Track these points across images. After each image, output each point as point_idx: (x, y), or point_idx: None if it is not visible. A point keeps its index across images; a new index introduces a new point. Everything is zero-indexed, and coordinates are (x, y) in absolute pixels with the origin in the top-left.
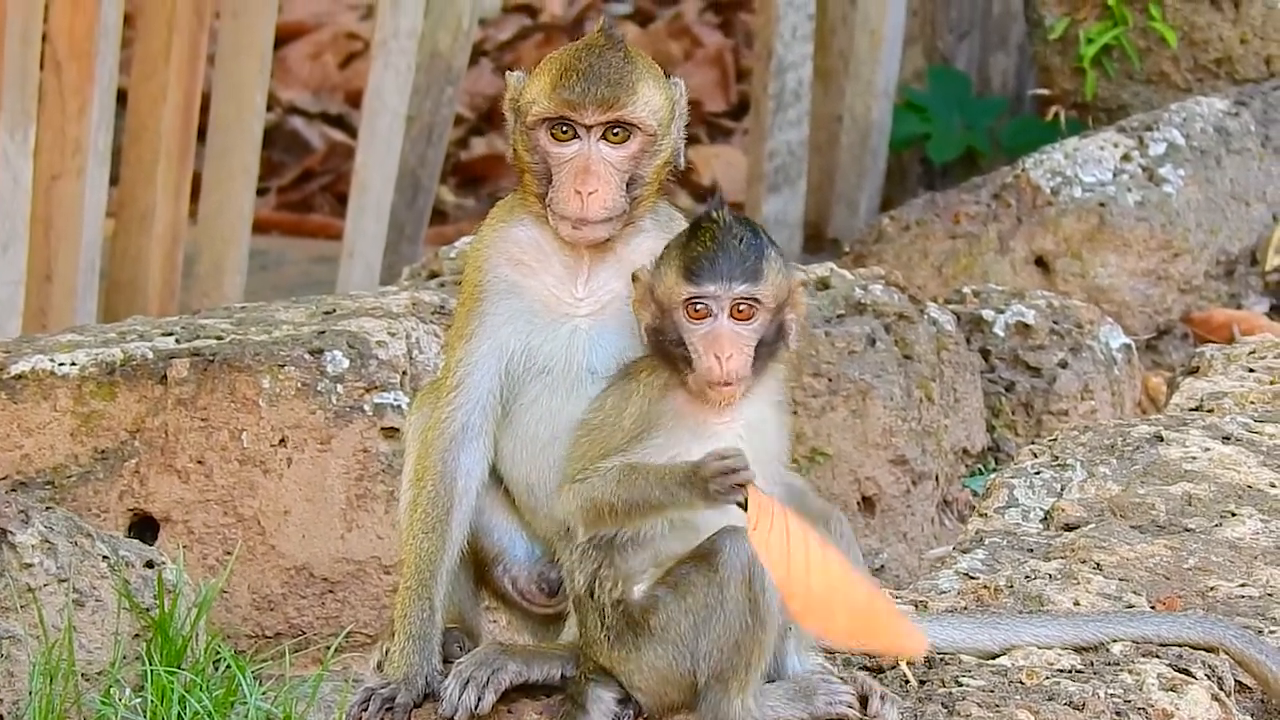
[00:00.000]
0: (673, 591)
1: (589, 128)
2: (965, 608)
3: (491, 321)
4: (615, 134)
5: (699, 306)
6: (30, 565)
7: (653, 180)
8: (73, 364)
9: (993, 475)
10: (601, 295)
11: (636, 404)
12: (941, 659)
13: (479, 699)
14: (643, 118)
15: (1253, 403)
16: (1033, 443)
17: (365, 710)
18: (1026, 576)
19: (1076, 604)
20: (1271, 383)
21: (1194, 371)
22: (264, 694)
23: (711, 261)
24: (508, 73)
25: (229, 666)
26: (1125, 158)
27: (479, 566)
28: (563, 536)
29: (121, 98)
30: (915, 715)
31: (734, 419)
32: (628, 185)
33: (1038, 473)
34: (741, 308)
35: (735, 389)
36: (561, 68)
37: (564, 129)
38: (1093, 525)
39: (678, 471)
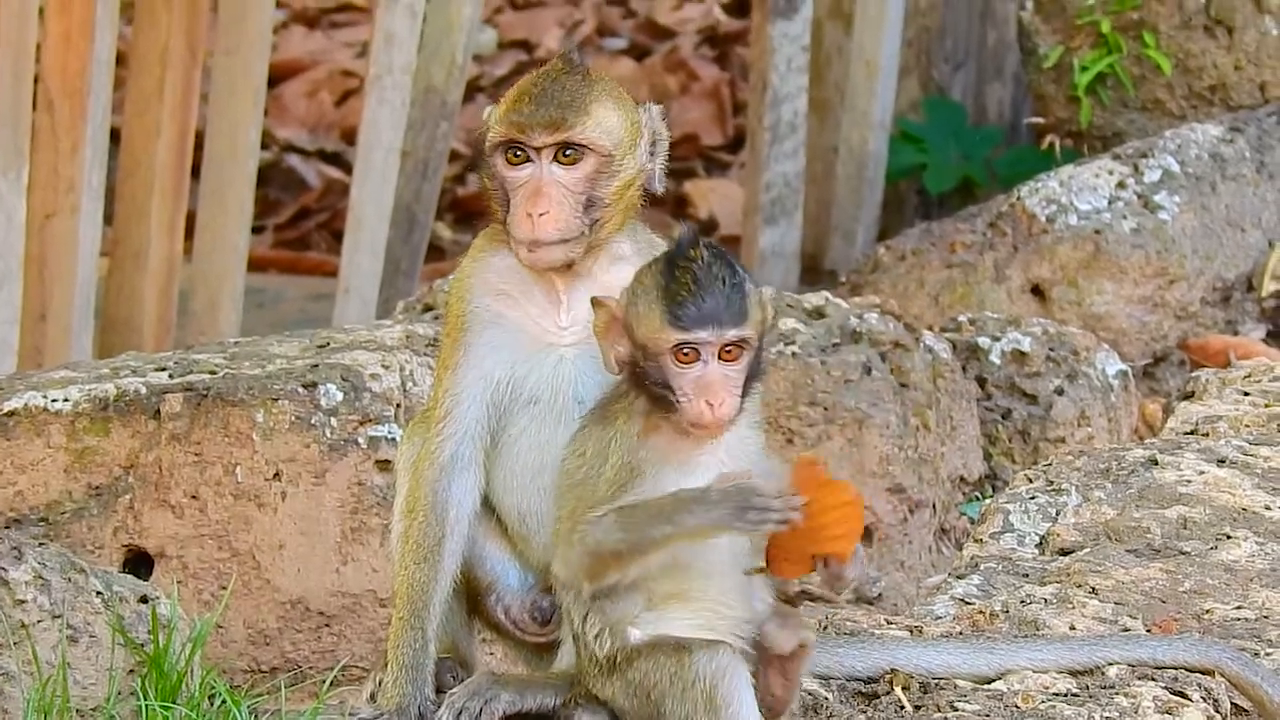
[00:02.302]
0: (651, 658)
1: (539, 150)
2: (961, 633)
3: (476, 352)
4: (567, 155)
5: (687, 351)
6: (24, 601)
7: (614, 202)
8: (66, 400)
9: (988, 501)
10: (587, 324)
11: (617, 454)
12: (937, 683)
13: None
14: (593, 138)
15: (1248, 426)
16: (1028, 468)
17: None
18: (1022, 601)
19: (1072, 628)
20: (1266, 406)
21: (1189, 395)
22: None
23: (698, 306)
24: (487, 108)
25: (224, 701)
26: (1120, 185)
27: (472, 596)
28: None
29: (115, 135)
30: None
31: (715, 447)
32: (586, 207)
33: (1033, 498)
34: (730, 349)
35: (723, 428)
36: (517, 93)
37: (517, 152)
38: (1088, 549)
39: (684, 500)
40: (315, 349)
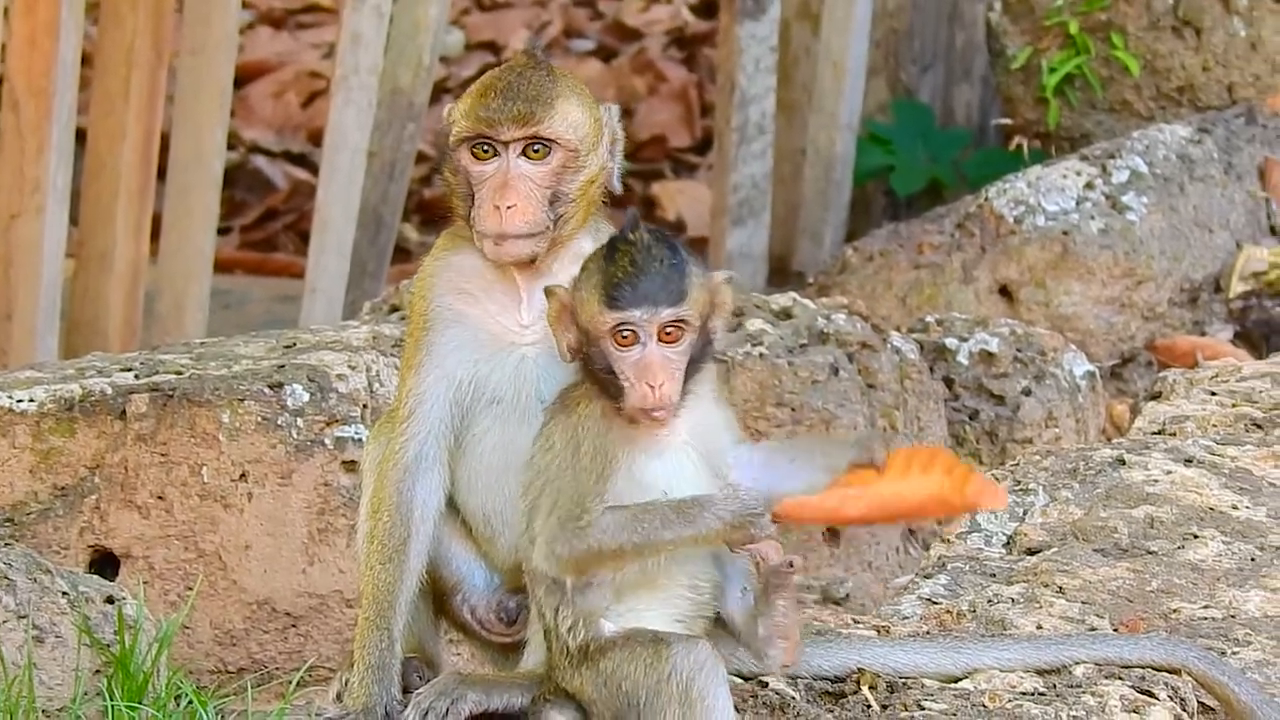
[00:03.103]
0: (625, 649)
1: (507, 144)
2: (928, 632)
3: (439, 351)
4: (535, 150)
5: (626, 334)
6: None
7: (578, 199)
8: (31, 400)
9: None
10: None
11: (587, 441)
12: (904, 683)
13: None
14: (561, 133)
15: (1215, 426)
16: (995, 469)
17: None
18: (989, 601)
19: (1039, 627)
20: (1234, 406)
21: (1156, 395)
22: None
23: (634, 286)
24: (447, 107)
25: (191, 702)
26: (1088, 186)
27: (438, 596)
28: (532, 577)
29: (80, 136)
30: None
31: (680, 428)
32: (551, 203)
33: None
34: (669, 330)
35: (668, 413)
36: (482, 88)
37: (484, 147)
38: (1055, 549)
39: (688, 509)
40: (282, 350)
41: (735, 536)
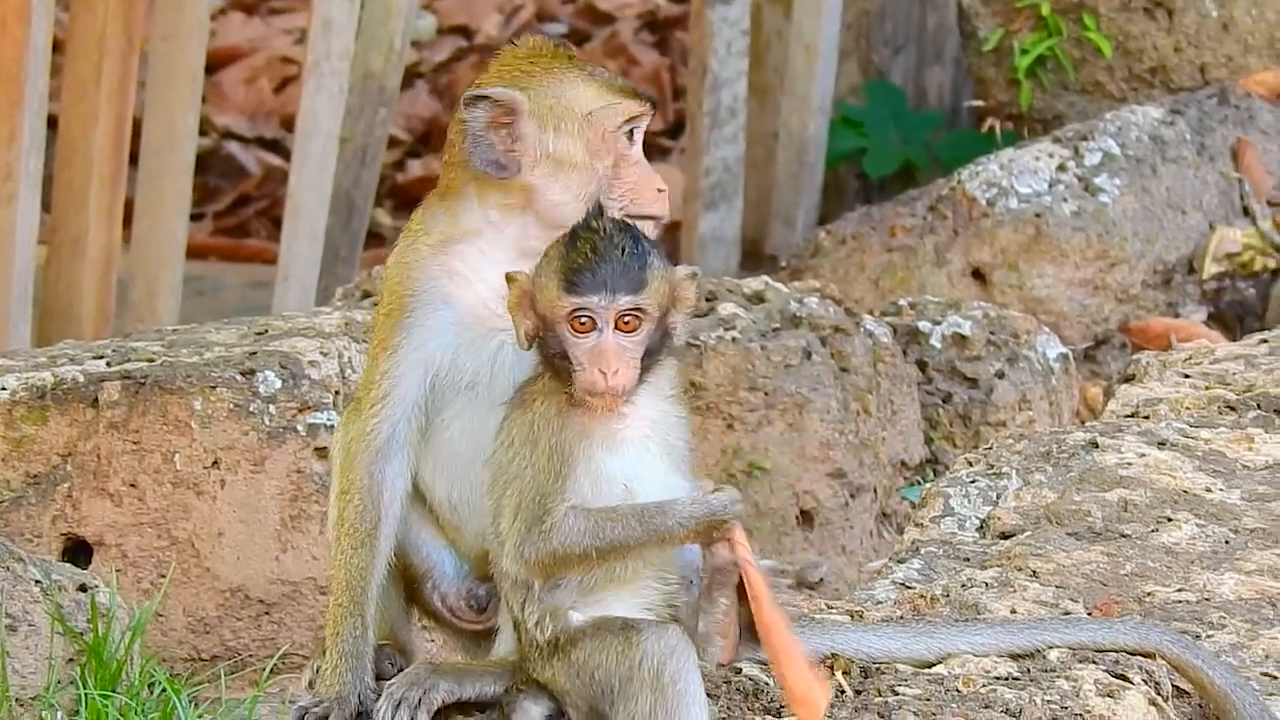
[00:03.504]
0: (595, 638)
1: None
2: (901, 617)
3: (419, 334)
4: None
5: (583, 319)
6: None
7: None
8: (3, 388)
9: (928, 485)
10: None
11: (544, 437)
12: (878, 668)
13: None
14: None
15: (1188, 408)
16: (968, 452)
17: None
18: (963, 585)
19: (1013, 611)
20: (1207, 388)
21: (1130, 378)
22: (200, 717)
23: (593, 273)
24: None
25: (164, 690)
26: (1061, 168)
27: (409, 584)
28: (499, 573)
29: (52, 123)
30: None
31: (637, 422)
32: None
33: (973, 481)
34: (626, 319)
35: (618, 399)
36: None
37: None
38: (1029, 533)
39: (652, 515)
40: (254, 336)
41: (701, 540)
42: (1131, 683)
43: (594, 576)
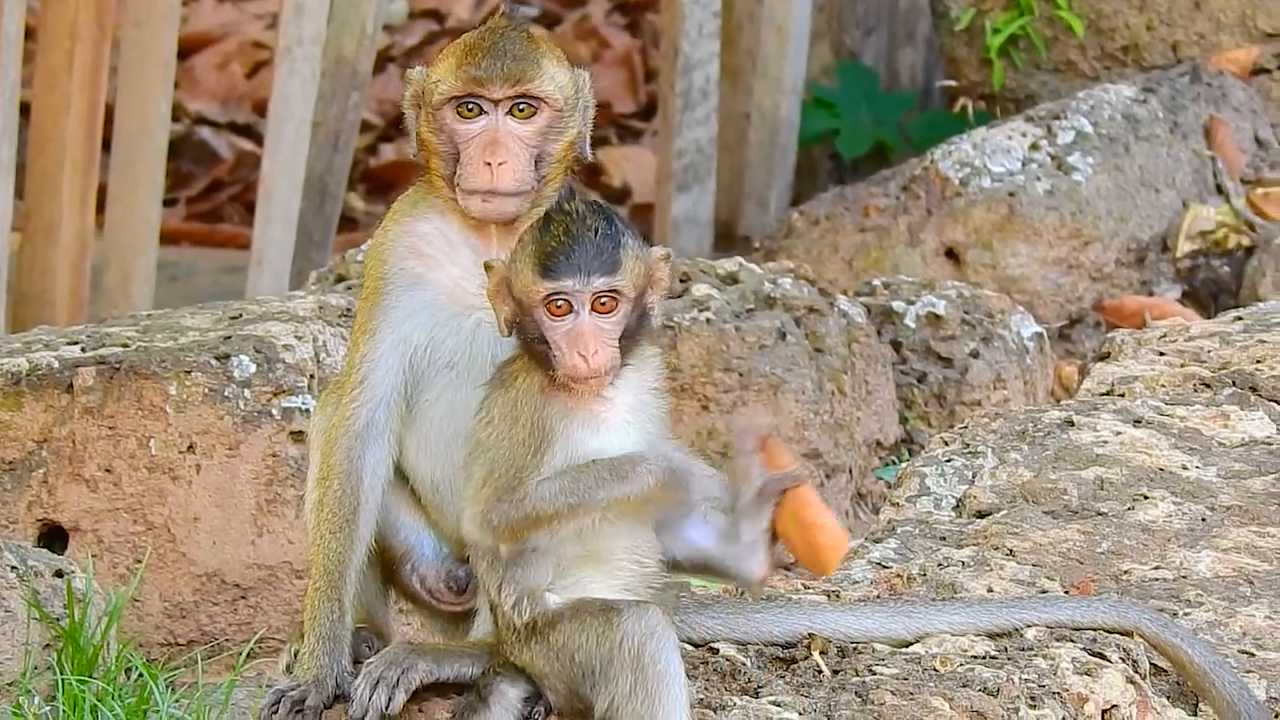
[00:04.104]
0: (575, 620)
1: (496, 102)
2: (878, 597)
3: (395, 315)
4: (521, 109)
5: (559, 303)
6: None
7: (559, 160)
8: None
9: (904, 464)
10: None
11: (525, 414)
12: (855, 648)
13: (389, 699)
14: (549, 92)
15: (1163, 386)
16: (944, 431)
17: (275, 713)
18: (939, 564)
19: (990, 590)
20: (1183, 366)
21: (1105, 356)
22: (176, 702)
23: (567, 255)
24: (407, 71)
25: (141, 675)
26: (1034, 147)
27: (387, 566)
28: (477, 550)
29: (24, 110)
30: (829, 705)
31: (618, 405)
32: (536, 163)
33: (949, 460)
34: (603, 300)
35: (600, 382)
36: (466, 47)
37: (470, 106)
38: (1005, 512)
39: (621, 467)
40: (228, 321)
41: (668, 495)
42: (1109, 661)
43: (569, 555)
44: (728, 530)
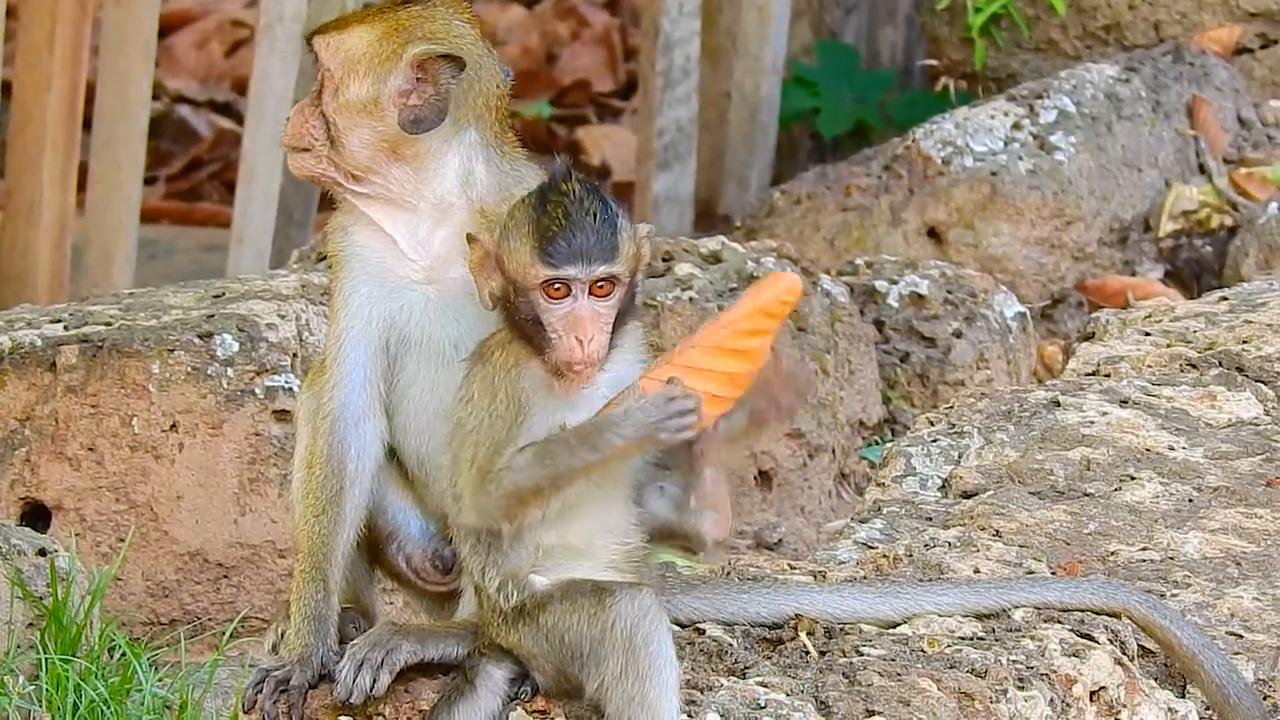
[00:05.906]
0: (566, 601)
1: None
2: (864, 577)
3: (353, 298)
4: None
5: (557, 286)
6: None
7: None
8: None
9: (890, 444)
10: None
11: (502, 389)
12: (842, 629)
13: (374, 680)
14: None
15: (1149, 366)
16: (928, 411)
17: (260, 692)
18: (926, 545)
19: (977, 571)
20: (1168, 346)
21: (1090, 336)
22: (160, 681)
23: (569, 242)
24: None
25: (124, 654)
26: (1016, 126)
27: (373, 545)
28: (460, 533)
29: (5, 89)
30: (816, 686)
31: (600, 381)
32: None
33: (935, 440)
34: (601, 284)
35: (593, 368)
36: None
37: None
38: (991, 492)
39: (590, 434)
40: (211, 299)
41: (645, 448)
42: (1097, 642)
43: (552, 540)
44: (681, 498)
